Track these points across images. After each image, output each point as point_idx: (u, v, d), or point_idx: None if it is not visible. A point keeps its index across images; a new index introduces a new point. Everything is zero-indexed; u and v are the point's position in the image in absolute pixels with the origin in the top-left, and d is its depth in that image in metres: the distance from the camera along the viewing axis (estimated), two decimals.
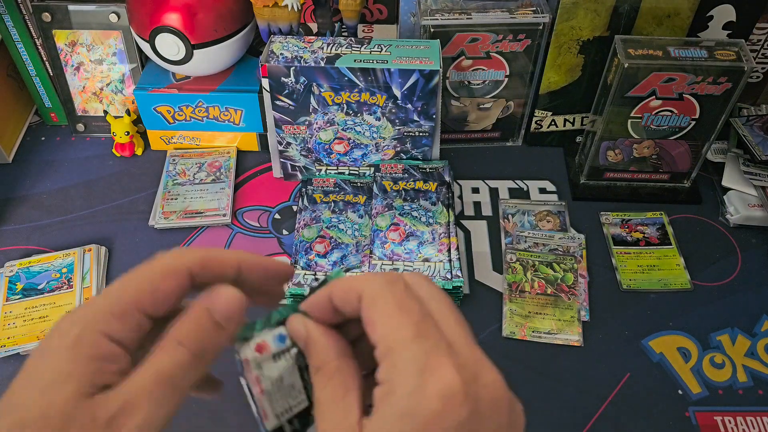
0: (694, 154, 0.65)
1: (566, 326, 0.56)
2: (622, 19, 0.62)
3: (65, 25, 0.67)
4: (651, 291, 0.59)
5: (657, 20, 0.62)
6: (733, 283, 0.60)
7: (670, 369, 0.54)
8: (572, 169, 0.70)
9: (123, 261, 0.61)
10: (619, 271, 0.61)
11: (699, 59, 0.58)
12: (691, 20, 0.62)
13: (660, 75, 0.58)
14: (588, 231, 0.64)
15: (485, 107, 0.70)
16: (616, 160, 0.67)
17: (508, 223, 0.65)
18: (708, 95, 0.60)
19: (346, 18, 0.66)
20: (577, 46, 0.64)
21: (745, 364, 0.54)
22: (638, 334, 0.56)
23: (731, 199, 0.65)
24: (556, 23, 0.62)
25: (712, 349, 0.55)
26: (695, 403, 0.52)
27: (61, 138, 0.74)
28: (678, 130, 0.63)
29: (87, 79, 0.71)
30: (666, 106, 0.61)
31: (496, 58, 0.65)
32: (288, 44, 0.61)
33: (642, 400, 0.52)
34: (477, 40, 0.63)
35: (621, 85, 0.59)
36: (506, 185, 0.69)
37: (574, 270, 0.60)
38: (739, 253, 0.63)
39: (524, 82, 0.68)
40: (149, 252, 0.62)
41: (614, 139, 0.64)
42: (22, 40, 0.69)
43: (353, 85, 0.60)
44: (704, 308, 0.58)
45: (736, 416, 0.51)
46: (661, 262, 0.62)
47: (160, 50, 0.63)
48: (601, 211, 0.66)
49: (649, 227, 0.65)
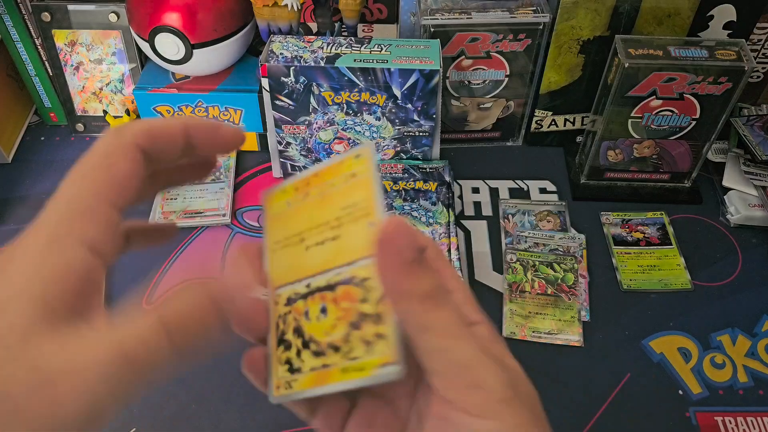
0: (695, 154, 0.65)
1: (566, 326, 0.56)
2: (623, 19, 0.62)
3: (65, 24, 0.67)
4: (651, 291, 0.59)
5: (657, 20, 0.62)
6: (733, 283, 0.60)
7: (671, 369, 0.54)
8: (572, 169, 0.70)
9: (122, 261, 0.60)
10: (620, 271, 0.61)
11: (699, 59, 0.58)
12: (691, 20, 0.62)
13: (660, 75, 0.58)
14: (588, 231, 0.64)
15: (485, 107, 0.70)
16: (617, 160, 0.66)
17: (508, 223, 0.65)
18: (708, 95, 0.60)
19: (345, 18, 0.66)
20: (578, 45, 0.64)
21: (745, 365, 0.54)
22: (638, 335, 0.56)
23: (732, 199, 0.65)
24: (556, 23, 0.62)
25: (712, 350, 0.55)
26: (696, 403, 0.52)
27: (60, 138, 0.74)
28: (678, 130, 0.63)
29: (86, 78, 0.71)
30: (666, 105, 0.61)
31: (496, 58, 0.65)
32: (288, 44, 0.61)
33: (642, 401, 0.52)
34: (477, 39, 0.63)
35: (621, 85, 0.59)
36: (506, 185, 0.69)
37: (574, 270, 0.60)
38: (740, 253, 0.63)
39: (524, 81, 0.68)
40: (148, 252, 0.62)
41: (615, 139, 0.64)
42: (21, 40, 0.69)
43: (353, 85, 0.60)
44: (705, 308, 0.58)
45: (737, 416, 0.51)
46: (662, 262, 0.62)
47: (159, 50, 0.62)
48: (602, 211, 0.66)
49: (650, 227, 0.65)
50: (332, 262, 0.24)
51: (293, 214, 0.27)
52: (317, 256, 0.25)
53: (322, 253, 0.25)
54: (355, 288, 0.23)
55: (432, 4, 0.64)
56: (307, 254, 0.26)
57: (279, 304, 0.26)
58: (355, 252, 0.24)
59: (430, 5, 0.63)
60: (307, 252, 0.26)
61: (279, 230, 0.28)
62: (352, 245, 0.24)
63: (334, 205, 0.25)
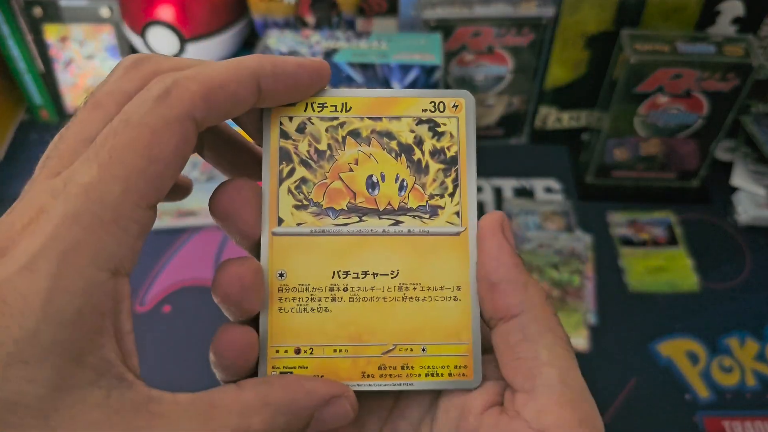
0: (702, 153, 0.64)
1: (572, 330, 0.55)
2: (629, 13, 0.61)
3: (56, 19, 0.66)
4: (659, 293, 0.58)
5: (664, 15, 0.61)
6: (741, 285, 0.59)
7: (678, 373, 0.53)
8: (578, 167, 0.69)
9: None
10: (627, 272, 0.60)
11: (706, 55, 0.57)
12: (698, 15, 0.61)
13: (667, 71, 0.57)
14: (595, 231, 0.63)
15: (488, 104, 0.69)
16: (623, 158, 0.65)
17: (512, 223, 0.63)
18: (716, 92, 0.59)
19: (344, 11, 0.65)
20: (583, 40, 0.63)
21: (753, 368, 0.53)
22: (645, 338, 0.55)
23: (740, 199, 0.64)
24: (561, 17, 0.60)
25: (720, 353, 0.54)
26: (703, 407, 0.51)
27: (52, 135, 0.73)
28: (686, 128, 0.62)
29: (78, 75, 0.70)
30: (673, 103, 0.60)
31: (499, 53, 0.64)
32: (284, 38, 0.60)
33: (649, 406, 0.51)
34: (479, 34, 0.62)
35: (627, 82, 0.58)
36: (510, 184, 0.68)
37: (580, 272, 0.59)
38: (749, 255, 0.62)
39: (528, 77, 0.66)
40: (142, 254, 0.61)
41: (621, 136, 0.63)
42: (12, 36, 0.67)
43: (352, 81, 0.59)
44: (713, 310, 0.57)
45: (744, 421, 0.50)
46: (669, 263, 0.61)
47: (152, 45, 0.61)
48: (608, 210, 0.65)
49: (657, 227, 0.64)
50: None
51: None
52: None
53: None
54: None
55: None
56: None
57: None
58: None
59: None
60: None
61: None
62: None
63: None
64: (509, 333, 0.21)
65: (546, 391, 0.20)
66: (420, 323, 0.22)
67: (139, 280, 0.58)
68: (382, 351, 0.22)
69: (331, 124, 0.22)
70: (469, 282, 0.22)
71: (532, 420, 0.19)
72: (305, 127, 0.22)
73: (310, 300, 0.22)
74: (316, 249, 0.22)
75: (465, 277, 0.22)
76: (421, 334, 0.22)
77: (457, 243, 0.22)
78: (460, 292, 0.22)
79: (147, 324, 0.55)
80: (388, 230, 0.22)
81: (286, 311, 0.22)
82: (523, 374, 0.20)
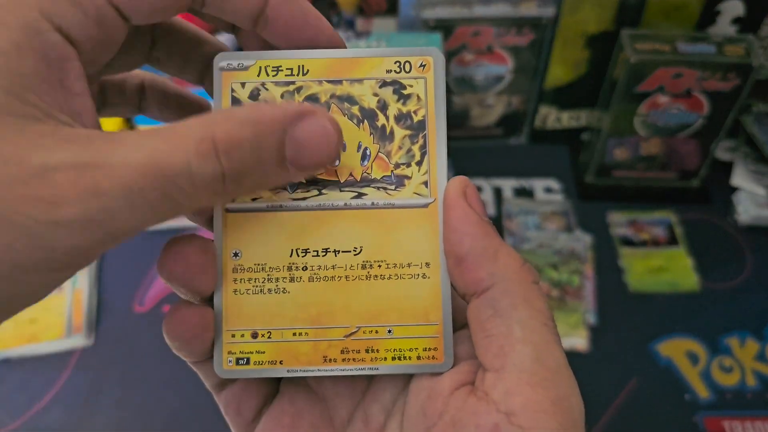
0: (703, 152, 0.64)
1: (572, 330, 0.55)
2: (629, 13, 0.61)
3: None
4: (659, 293, 0.58)
5: (664, 14, 0.61)
6: (742, 285, 0.59)
7: (678, 373, 0.53)
8: (578, 167, 0.69)
9: (113, 263, 0.59)
10: (627, 272, 0.60)
11: (707, 55, 0.57)
12: (699, 14, 0.61)
13: (668, 71, 0.57)
14: (595, 231, 0.63)
15: (488, 103, 0.69)
16: (623, 158, 0.65)
17: (511, 223, 0.63)
18: (717, 92, 0.59)
19: (344, 10, 0.64)
20: (583, 40, 0.63)
21: (754, 368, 0.53)
22: (645, 338, 0.55)
23: (741, 199, 0.64)
24: (561, 17, 0.60)
25: (720, 353, 0.54)
26: (703, 407, 0.51)
27: None
28: (686, 128, 0.62)
29: None
30: (674, 102, 0.60)
31: (498, 53, 0.64)
32: None
33: (648, 406, 0.51)
34: (479, 34, 0.62)
35: (628, 81, 0.58)
36: (510, 184, 0.67)
37: (580, 272, 0.58)
38: (749, 254, 0.62)
39: (528, 77, 0.66)
40: (140, 254, 0.61)
41: (621, 136, 0.63)
42: None
43: None
44: (713, 310, 0.57)
45: (744, 421, 0.50)
46: (669, 263, 0.60)
47: None
48: (608, 210, 0.64)
49: (657, 227, 0.63)
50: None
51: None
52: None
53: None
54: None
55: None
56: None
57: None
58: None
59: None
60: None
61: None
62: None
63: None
64: (480, 309, 0.19)
65: (516, 370, 0.18)
66: (385, 303, 0.20)
67: (138, 280, 0.58)
68: (345, 334, 0.20)
69: (287, 89, 0.21)
70: (439, 258, 0.20)
71: (500, 401, 0.18)
72: (258, 93, 0.21)
73: (267, 280, 0.20)
74: (273, 226, 0.20)
75: (435, 253, 0.20)
76: (387, 315, 0.20)
77: (425, 215, 0.21)
78: (429, 269, 0.20)
79: (147, 324, 0.55)
80: (350, 204, 0.20)
81: (241, 293, 0.20)
82: (494, 352, 0.19)
